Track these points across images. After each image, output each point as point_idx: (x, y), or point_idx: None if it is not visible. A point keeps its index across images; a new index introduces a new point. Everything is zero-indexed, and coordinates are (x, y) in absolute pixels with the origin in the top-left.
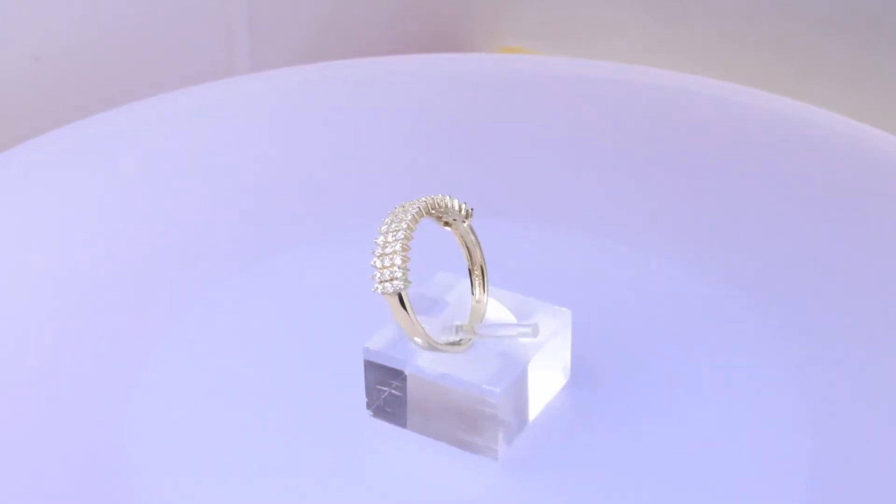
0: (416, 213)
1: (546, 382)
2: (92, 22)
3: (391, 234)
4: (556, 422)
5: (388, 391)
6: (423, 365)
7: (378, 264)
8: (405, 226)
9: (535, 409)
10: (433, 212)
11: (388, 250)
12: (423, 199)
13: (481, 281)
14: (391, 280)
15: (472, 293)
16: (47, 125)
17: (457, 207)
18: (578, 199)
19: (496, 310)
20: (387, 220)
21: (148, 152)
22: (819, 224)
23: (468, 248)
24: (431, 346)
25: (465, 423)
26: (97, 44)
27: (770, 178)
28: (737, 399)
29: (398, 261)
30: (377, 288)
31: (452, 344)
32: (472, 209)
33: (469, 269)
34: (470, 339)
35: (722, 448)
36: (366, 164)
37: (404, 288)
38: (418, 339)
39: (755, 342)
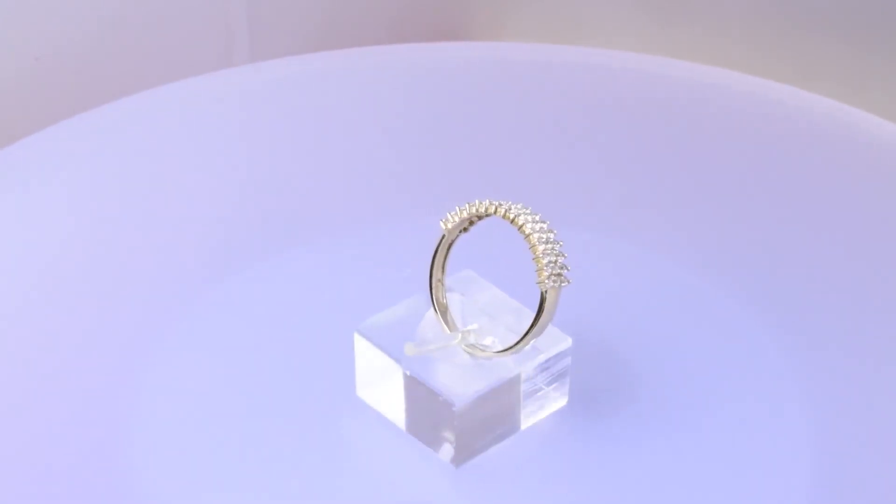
0: (501, 209)
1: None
2: (92, 21)
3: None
4: (550, 423)
5: None
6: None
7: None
8: (485, 205)
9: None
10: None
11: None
12: (529, 213)
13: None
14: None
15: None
16: (48, 124)
17: (541, 263)
18: (576, 196)
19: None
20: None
21: (136, 153)
22: (825, 222)
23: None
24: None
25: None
26: (97, 43)
27: (775, 172)
28: (737, 400)
29: (456, 218)
30: None
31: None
32: (552, 276)
33: None
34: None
35: (722, 450)
36: (361, 163)
37: (444, 232)
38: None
39: (756, 342)
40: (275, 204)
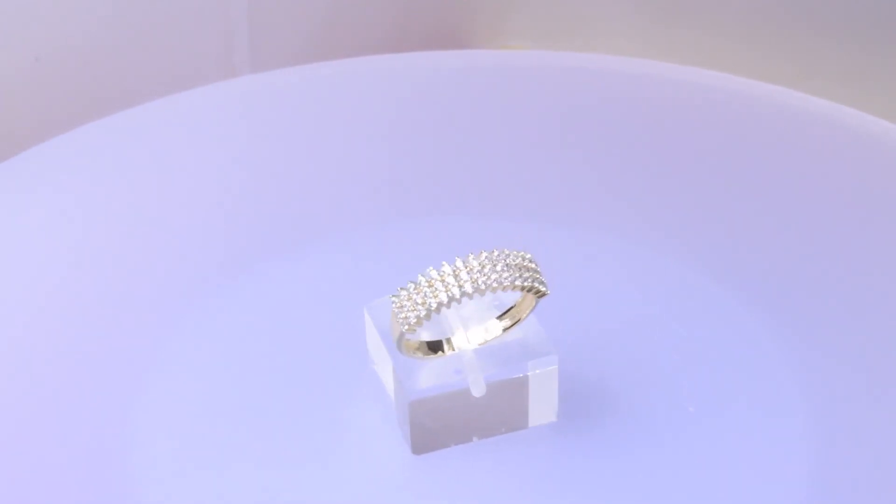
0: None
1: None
2: (92, 22)
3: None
4: (547, 424)
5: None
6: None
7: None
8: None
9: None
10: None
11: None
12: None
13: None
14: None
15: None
16: (48, 125)
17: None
18: (577, 199)
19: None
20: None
21: (138, 162)
22: (824, 220)
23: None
24: None
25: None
26: (98, 44)
27: (775, 172)
28: (735, 398)
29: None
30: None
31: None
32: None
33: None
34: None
35: (720, 449)
36: (363, 170)
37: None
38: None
39: (755, 340)
40: (276, 210)
